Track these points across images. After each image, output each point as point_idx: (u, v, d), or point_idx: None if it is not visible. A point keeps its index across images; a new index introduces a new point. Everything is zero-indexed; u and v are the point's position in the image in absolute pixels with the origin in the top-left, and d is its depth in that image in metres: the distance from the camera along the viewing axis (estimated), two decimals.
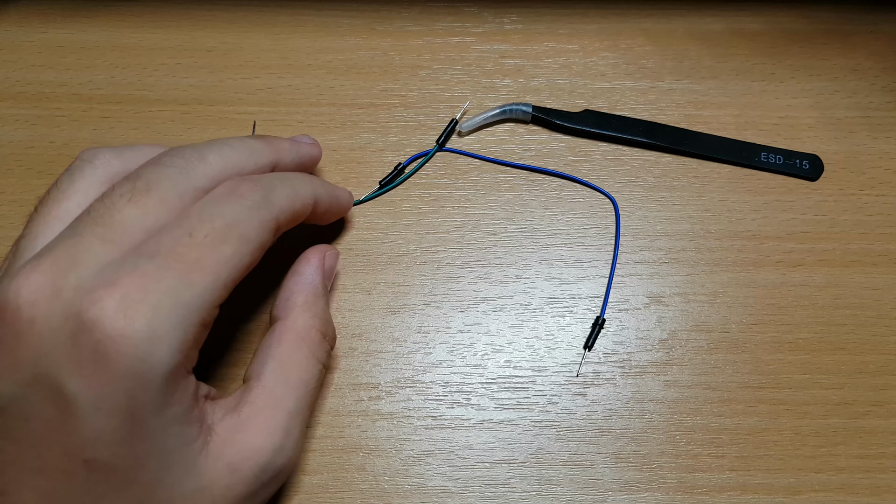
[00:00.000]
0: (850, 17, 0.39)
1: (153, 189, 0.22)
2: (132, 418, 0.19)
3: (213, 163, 0.24)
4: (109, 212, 0.21)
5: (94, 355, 0.19)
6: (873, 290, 0.32)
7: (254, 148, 0.26)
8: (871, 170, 0.35)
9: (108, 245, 0.21)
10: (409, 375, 0.30)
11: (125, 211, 0.21)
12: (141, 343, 0.19)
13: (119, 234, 0.21)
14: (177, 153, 0.24)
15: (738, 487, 0.28)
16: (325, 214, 0.29)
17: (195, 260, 0.21)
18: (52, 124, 0.35)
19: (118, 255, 0.20)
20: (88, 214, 0.21)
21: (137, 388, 0.19)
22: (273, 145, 0.27)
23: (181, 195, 0.22)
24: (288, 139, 0.29)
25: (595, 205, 0.34)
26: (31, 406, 0.19)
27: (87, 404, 0.19)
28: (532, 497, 0.27)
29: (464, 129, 0.35)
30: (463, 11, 0.39)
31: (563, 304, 0.31)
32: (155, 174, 0.22)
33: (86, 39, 0.38)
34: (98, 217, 0.21)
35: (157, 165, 0.23)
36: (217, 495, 0.22)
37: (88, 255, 0.20)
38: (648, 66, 0.38)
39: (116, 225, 0.21)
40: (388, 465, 0.28)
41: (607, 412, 0.29)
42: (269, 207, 0.24)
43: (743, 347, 0.30)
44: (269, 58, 0.37)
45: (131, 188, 0.22)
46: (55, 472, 0.19)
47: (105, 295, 0.19)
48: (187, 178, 0.23)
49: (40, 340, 0.19)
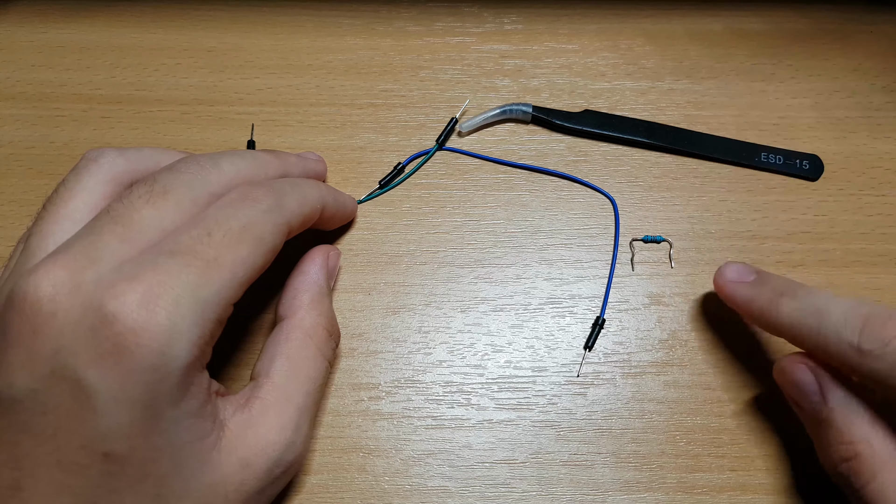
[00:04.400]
0: (850, 17, 0.39)
1: (170, 192, 0.23)
2: (150, 411, 0.20)
3: (226, 171, 0.25)
4: (128, 212, 0.22)
5: (115, 348, 0.19)
6: (873, 291, 0.32)
7: (264, 160, 0.27)
8: (871, 170, 0.35)
9: (126, 243, 0.21)
10: (409, 375, 0.30)
11: (143, 211, 0.22)
12: (161, 336, 0.19)
13: (136, 233, 0.21)
14: (192, 160, 0.25)
15: (738, 487, 0.28)
16: (330, 220, 0.30)
17: (214, 258, 0.21)
18: (53, 124, 0.35)
19: (135, 253, 0.21)
20: (107, 214, 0.22)
21: (156, 381, 0.20)
22: (281, 159, 0.29)
23: (196, 199, 0.23)
24: (295, 155, 0.30)
25: (595, 205, 0.34)
26: (49, 399, 0.19)
27: (106, 396, 0.19)
28: (532, 497, 0.27)
29: (464, 129, 0.35)
30: (463, 11, 0.39)
31: (563, 304, 0.31)
32: (172, 178, 0.23)
33: (86, 39, 0.38)
34: (117, 216, 0.22)
35: (173, 171, 0.24)
36: (230, 490, 0.22)
37: (107, 252, 0.21)
38: (648, 66, 0.38)
39: (134, 224, 0.22)
40: (389, 465, 0.28)
41: (607, 412, 0.29)
42: (282, 211, 0.25)
43: (743, 347, 0.30)
44: (269, 58, 0.37)
45: (149, 190, 0.23)
46: (72, 465, 0.20)
47: (127, 289, 0.20)
48: (202, 184, 0.24)
49: (60, 333, 0.19)
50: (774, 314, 0.26)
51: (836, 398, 0.24)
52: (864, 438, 0.23)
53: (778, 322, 0.26)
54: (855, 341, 0.23)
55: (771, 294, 0.26)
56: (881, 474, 0.22)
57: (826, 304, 0.24)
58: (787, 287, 0.26)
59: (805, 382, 0.25)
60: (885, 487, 0.22)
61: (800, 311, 0.25)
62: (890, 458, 0.23)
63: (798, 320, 0.25)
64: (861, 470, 0.23)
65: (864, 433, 0.23)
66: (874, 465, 0.23)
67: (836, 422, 0.24)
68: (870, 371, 0.23)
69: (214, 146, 0.35)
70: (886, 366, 0.22)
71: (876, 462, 0.23)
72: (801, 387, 0.25)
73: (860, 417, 0.24)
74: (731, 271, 0.28)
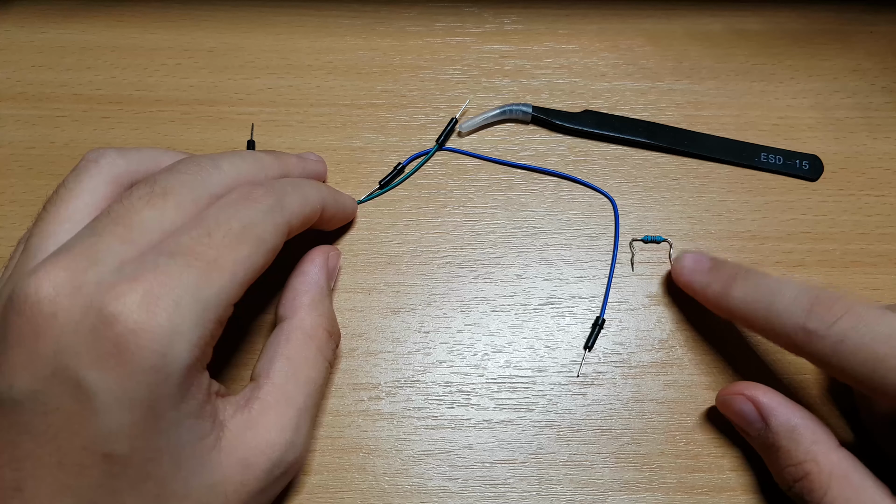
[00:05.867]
0: (850, 17, 0.39)
1: (170, 193, 0.23)
2: (151, 412, 0.20)
3: (226, 171, 0.25)
4: (128, 213, 0.22)
5: (116, 348, 0.19)
6: (873, 291, 0.32)
7: (264, 161, 0.27)
8: (871, 170, 0.35)
9: (126, 244, 0.21)
10: (409, 376, 0.30)
11: (143, 212, 0.22)
12: (162, 337, 0.19)
13: (137, 234, 0.21)
14: (192, 161, 0.25)
15: (738, 487, 0.28)
16: (331, 220, 0.30)
17: (214, 259, 0.21)
18: (53, 125, 0.35)
19: (136, 254, 0.21)
20: (108, 215, 0.22)
21: (157, 381, 0.20)
22: (282, 160, 0.29)
23: (196, 200, 0.23)
24: (295, 155, 0.30)
25: (595, 205, 0.34)
26: (50, 400, 0.19)
27: (107, 397, 0.19)
28: (532, 497, 0.27)
29: (464, 129, 0.35)
30: (463, 11, 0.39)
31: (563, 304, 0.31)
32: (172, 179, 0.23)
33: (86, 39, 0.38)
34: (117, 217, 0.22)
35: (173, 172, 0.24)
36: (230, 490, 0.22)
37: (108, 253, 0.21)
38: (648, 66, 0.38)
39: (134, 225, 0.22)
40: (389, 465, 0.28)
41: (607, 412, 0.29)
42: (282, 211, 0.25)
43: (743, 347, 0.30)
44: (270, 58, 0.37)
45: (150, 191, 0.23)
46: (73, 466, 0.20)
47: (128, 290, 0.20)
48: (203, 185, 0.24)
49: (61, 334, 0.19)
50: (726, 298, 0.27)
51: (777, 423, 0.25)
52: (810, 457, 0.24)
53: (730, 306, 0.27)
54: (801, 321, 0.24)
55: (725, 279, 0.27)
56: (832, 489, 0.23)
57: (777, 286, 0.25)
58: (739, 271, 0.27)
59: (745, 412, 0.26)
60: (837, 500, 0.23)
61: (751, 294, 0.26)
62: (837, 470, 0.23)
63: (749, 303, 0.26)
64: (813, 487, 0.23)
65: (809, 453, 0.24)
66: (823, 481, 0.23)
67: (781, 445, 0.25)
68: (813, 351, 0.24)
69: (215, 146, 0.35)
70: (828, 346, 0.23)
71: (824, 477, 0.23)
72: (744, 416, 0.26)
73: (803, 437, 0.24)
74: (688, 260, 0.30)
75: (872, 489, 0.23)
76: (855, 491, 0.23)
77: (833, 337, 0.23)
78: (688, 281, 0.29)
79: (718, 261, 0.29)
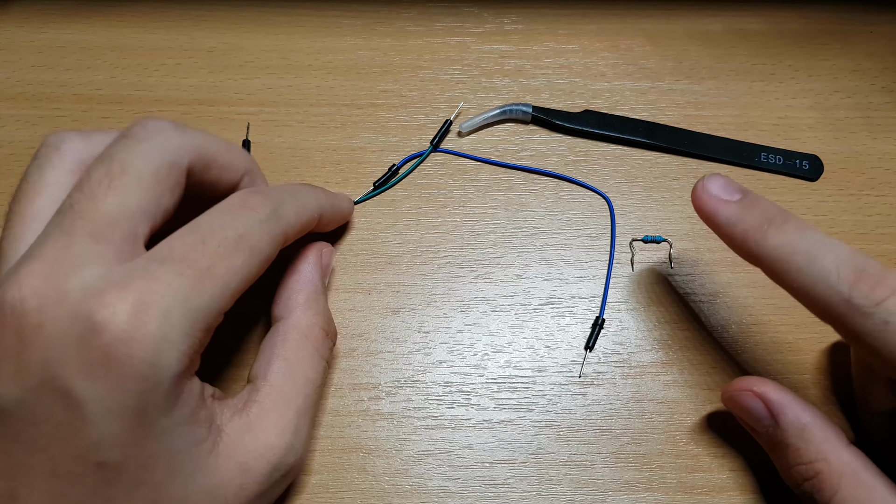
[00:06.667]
0: (850, 17, 0.39)
1: (128, 168, 0.22)
2: (141, 419, 0.20)
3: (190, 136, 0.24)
4: (92, 204, 0.21)
5: (104, 358, 0.19)
6: None
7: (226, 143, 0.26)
8: (870, 170, 0.35)
9: (101, 243, 0.20)
10: (409, 376, 0.30)
11: (107, 200, 0.21)
12: (151, 347, 0.19)
13: (108, 228, 0.21)
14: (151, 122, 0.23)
15: (737, 487, 0.28)
16: (328, 225, 0.30)
17: (207, 267, 0.21)
18: (53, 125, 0.35)
19: (114, 251, 0.20)
20: (71, 209, 0.21)
21: (146, 390, 0.19)
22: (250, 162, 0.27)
23: (157, 172, 0.22)
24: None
25: (595, 205, 0.34)
26: (40, 410, 0.19)
27: (97, 406, 0.19)
28: (532, 497, 0.27)
29: (464, 129, 0.35)
30: (463, 12, 0.39)
31: (562, 304, 0.31)
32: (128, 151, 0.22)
33: (86, 39, 0.38)
34: (82, 211, 0.21)
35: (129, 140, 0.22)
36: (230, 494, 0.22)
37: (85, 256, 0.20)
38: (648, 66, 0.38)
39: (102, 218, 0.21)
40: (389, 465, 0.28)
41: (607, 412, 0.29)
42: (279, 221, 0.24)
43: (743, 347, 0.30)
44: (270, 58, 0.37)
45: (107, 171, 0.21)
46: (67, 474, 0.19)
47: (116, 298, 0.19)
48: (161, 153, 0.22)
49: (48, 344, 0.19)
50: (760, 242, 0.24)
51: (787, 421, 0.24)
52: (820, 457, 0.23)
53: (762, 252, 0.24)
54: (845, 292, 0.22)
55: (759, 219, 0.24)
56: (842, 488, 0.23)
57: (821, 245, 0.23)
58: (777, 214, 0.24)
59: (754, 409, 0.25)
60: (847, 500, 0.23)
61: (789, 245, 0.23)
62: (848, 469, 0.23)
63: (786, 256, 0.23)
64: (823, 487, 0.23)
65: (819, 452, 0.23)
66: (834, 481, 0.23)
67: (791, 444, 0.24)
68: (853, 326, 0.22)
69: None
70: (872, 325, 0.22)
71: (835, 477, 0.23)
72: (752, 413, 0.25)
73: (814, 436, 0.24)
74: (714, 185, 0.26)
75: (883, 488, 0.23)
76: (866, 491, 0.23)
77: (879, 316, 0.21)
78: (712, 211, 0.25)
79: (751, 195, 0.25)
